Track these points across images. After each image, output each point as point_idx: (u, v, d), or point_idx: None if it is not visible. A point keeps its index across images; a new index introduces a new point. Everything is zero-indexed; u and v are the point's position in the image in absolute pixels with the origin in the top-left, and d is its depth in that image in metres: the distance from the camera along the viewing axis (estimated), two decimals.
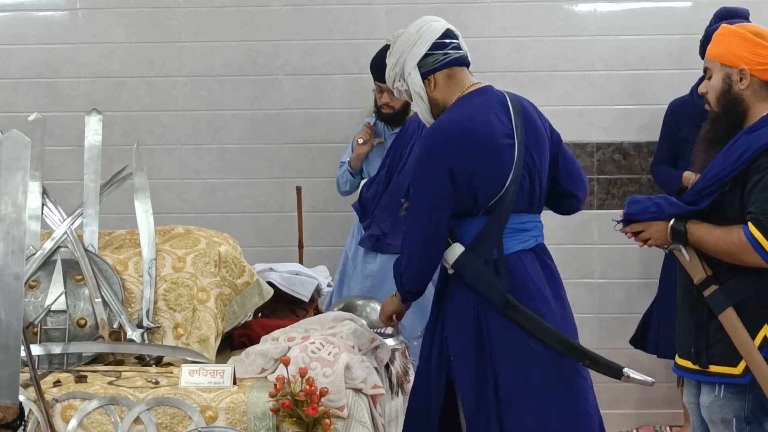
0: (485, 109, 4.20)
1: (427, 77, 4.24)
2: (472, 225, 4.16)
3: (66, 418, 3.77)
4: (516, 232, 4.21)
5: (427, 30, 4.28)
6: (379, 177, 6.05)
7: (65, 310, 4.33)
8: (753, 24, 3.94)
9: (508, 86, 6.39)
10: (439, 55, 4.24)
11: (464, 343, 4.15)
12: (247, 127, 6.61)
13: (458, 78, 4.27)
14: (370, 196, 6.05)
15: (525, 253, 4.22)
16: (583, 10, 6.61)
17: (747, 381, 3.69)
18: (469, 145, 4.10)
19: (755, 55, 3.74)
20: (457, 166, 4.09)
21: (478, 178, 4.10)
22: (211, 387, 3.83)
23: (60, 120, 6.53)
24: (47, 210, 4.62)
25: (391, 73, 4.32)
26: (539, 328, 4.11)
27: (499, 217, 4.14)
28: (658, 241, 3.84)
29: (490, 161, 4.12)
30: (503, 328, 4.12)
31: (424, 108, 4.29)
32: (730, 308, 3.69)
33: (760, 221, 3.59)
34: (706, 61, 3.89)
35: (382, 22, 6.59)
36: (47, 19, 6.72)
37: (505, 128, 4.18)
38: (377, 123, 6.15)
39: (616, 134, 6.62)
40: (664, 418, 6.67)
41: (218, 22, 6.64)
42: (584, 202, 4.61)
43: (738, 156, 3.66)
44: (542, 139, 4.29)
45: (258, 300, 4.62)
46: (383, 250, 6.01)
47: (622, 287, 6.66)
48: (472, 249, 4.14)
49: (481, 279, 4.12)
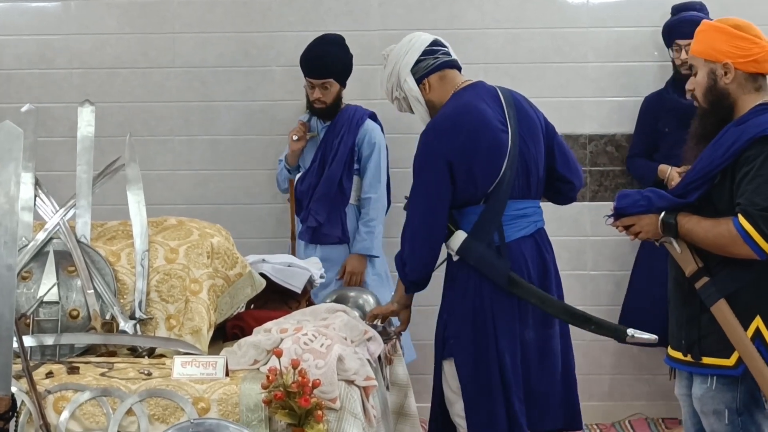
0: (478, 102, 4.45)
1: (422, 81, 4.55)
2: (472, 213, 4.44)
3: (58, 410, 3.76)
4: (516, 219, 4.46)
5: (418, 39, 4.60)
6: (312, 169, 6.07)
7: (58, 302, 4.33)
8: (733, 17, 3.93)
9: (502, 78, 6.44)
10: (431, 60, 4.55)
11: (462, 325, 4.44)
12: (240, 119, 6.60)
13: (450, 78, 4.57)
14: (304, 189, 6.06)
15: (525, 239, 4.49)
16: (576, 2, 6.60)
17: (739, 372, 3.71)
18: (465, 137, 4.37)
19: (736, 48, 3.75)
20: (455, 159, 4.37)
21: (476, 167, 4.37)
22: (203, 378, 3.83)
23: (53, 111, 6.52)
24: (40, 201, 4.62)
25: (388, 84, 4.63)
26: (544, 301, 4.40)
27: (497, 203, 4.41)
28: (648, 234, 3.86)
29: (486, 149, 4.38)
30: (507, 312, 4.41)
31: (422, 111, 4.58)
32: (722, 300, 3.70)
33: (749, 213, 3.59)
34: (690, 59, 3.91)
35: (376, 13, 6.58)
36: (40, 10, 6.70)
37: (498, 118, 4.44)
38: (311, 118, 6.18)
39: (608, 126, 6.62)
40: (657, 409, 6.68)
41: (212, 14, 6.63)
42: (579, 191, 4.81)
43: (726, 148, 3.67)
44: (535, 129, 4.55)
45: (250, 291, 4.62)
46: (321, 240, 6.05)
47: (614, 279, 6.66)
48: (474, 235, 4.41)
49: (484, 261, 4.40)
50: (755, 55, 3.75)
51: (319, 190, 6.00)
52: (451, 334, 4.48)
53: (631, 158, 6.44)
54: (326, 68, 5.96)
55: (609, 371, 6.70)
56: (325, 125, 6.11)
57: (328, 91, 5.98)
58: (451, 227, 4.46)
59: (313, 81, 5.98)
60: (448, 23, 6.54)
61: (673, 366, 4.00)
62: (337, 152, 6.01)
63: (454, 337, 4.46)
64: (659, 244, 3.88)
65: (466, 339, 4.43)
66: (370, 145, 6.04)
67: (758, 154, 3.62)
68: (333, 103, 6.03)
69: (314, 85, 5.98)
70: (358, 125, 6.04)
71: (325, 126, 6.12)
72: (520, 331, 4.43)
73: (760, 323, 3.69)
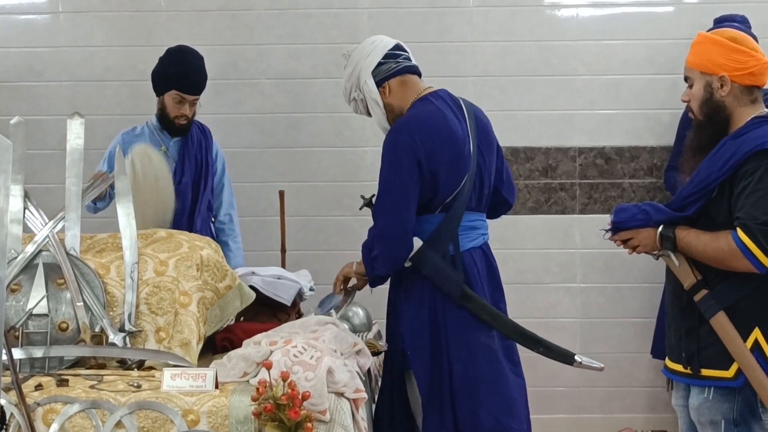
0: (445, 109, 4.50)
1: (382, 84, 4.55)
2: (429, 222, 4.46)
3: (47, 422, 3.75)
4: (468, 230, 4.52)
5: (380, 43, 4.61)
6: (183, 185, 5.83)
7: (47, 314, 4.31)
8: (730, 29, 3.95)
9: (491, 90, 6.47)
10: (392, 64, 4.56)
11: (419, 337, 4.46)
12: (229, 131, 6.60)
13: (411, 84, 4.59)
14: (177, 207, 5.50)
15: (475, 250, 4.54)
16: (565, 15, 6.62)
17: (738, 384, 3.72)
18: (432, 140, 4.39)
19: (733, 60, 3.76)
20: (423, 159, 4.37)
21: (441, 172, 4.40)
22: (193, 391, 3.82)
23: (42, 123, 6.52)
24: (29, 213, 4.60)
25: (347, 84, 4.62)
26: (495, 318, 4.44)
27: (455, 214, 4.45)
28: (647, 247, 3.87)
29: (451, 156, 4.42)
30: (458, 321, 4.44)
31: (379, 113, 4.58)
32: (721, 312, 3.71)
33: (748, 227, 3.60)
34: (686, 70, 3.92)
35: (365, 26, 6.59)
36: (29, 23, 6.70)
37: (462, 128, 4.49)
38: (152, 132, 5.93)
39: (598, 139, 6.63)
40: (647, 422, 6.68)
41: (200, 26, 6.63)
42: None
43: (724, 162, 3.68)
44: (491, 144, 4.64)
45: (240, 304, 4.62)
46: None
47: (603, 292, 6.66)
48: (430, 244, 4.44)
49: (438, 272, 4.42)
50: (751, 68, 3.77)
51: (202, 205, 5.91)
52: (408, 345, 4.49)
53: (668, 171, 6.41)
54: (203, 84, 5.83)
55: (600, 384, 6.70)
56: (175, 139, 5.92)
57: (194, 107, 5.86)
58: None
59: (187, 97, 5.78)
60: (438, 36, 6.56)
61: (671, 377, 4.00)
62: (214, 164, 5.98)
63: (411, 349, 4.48)
64: (657, 257, 3.89)
65: (424, 350, 4.45)
66: (221, 157, 6.05)
67: (756, 167, 3.63)
68: (191, 119, 5.88)
69: (187, 101, 5.79)
70: (207, 136, 6.01)
71: (176, 140, 5.92)
72: (480, 337, 4.45)
73: (758, 335, 3.70)
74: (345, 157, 6.69)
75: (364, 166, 6.63)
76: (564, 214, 6.65)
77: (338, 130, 6.66)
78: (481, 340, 4.46)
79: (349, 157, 6.68)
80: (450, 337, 4.44)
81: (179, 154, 5.90)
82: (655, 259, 3.92)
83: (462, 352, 4.43)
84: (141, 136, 5.88)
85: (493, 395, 4.47)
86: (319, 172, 6.69)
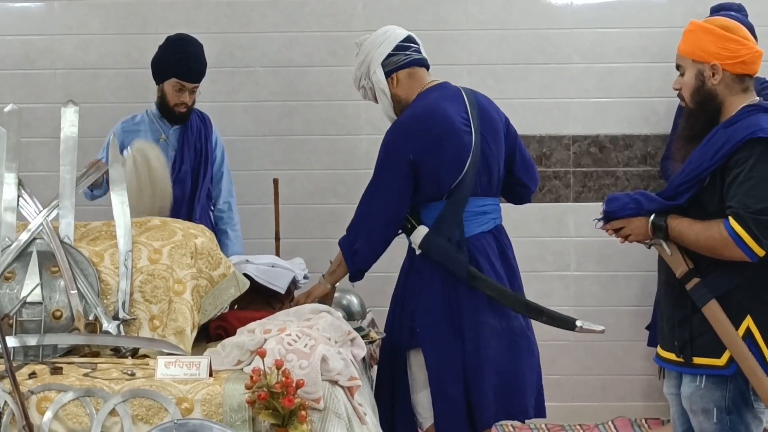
0: (443, 102, 4.61)
1: (390, 75, 4.69)
2: (435, 208, 4.61)
3: (41, 410, 3.75)
4: (477, 215, 4.63)
5: (392, 34, 4.73)
6: (183, 173, 5.89)
7: (41, 302, 4.31)
8: (722, 18, 3.95)
9: (486, 79, 6.46)
10: (402, 56, 4.69)
11: (432, 315, 4.60)
12: (224, 119, 6.59)
13: (418, 77, 4.72)
14: (177, 195, 5.63)
15: (485, 235, 4.66)
16: (560, 3, 6.62)
17: (730, 372, 3.73)
18: (430, 136, 4.53)
19: (724, 49, 3.76)
20: (419, 158, 4.53)
21: (440, 166, 4.53)
22: (187, 379, 3.82)
23: (36, 111, 6.52)
24: (23, 201, 4.60)
25: (357, 72, 4.77)
26: (502, 294, 4.57)
27: (459, 200, 4.57)
28: (639, 236, 3.88)
29: (450, 148, 4.54)
30: (469, 302, 4.57)
31: (387, 103, 4.73)
32: (713, 300, 3.72)
33: (740, 215, 3.60)
34: (678, 58, 3.92)
35: (360, 14, 6.59)
36: (23, 11, 6.69)
37: (462, 118, 4.60)
38: (152, 120, 5.96)
39: (592, 127, 6.64)
40: (641, 410, 6.69)
41: (196, 14, 6.63)
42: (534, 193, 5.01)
43: (716, 151, 3.68)
44: (497, 129, 4.72)
45: (234, 292, 4.61)
46: None
47: (597, 280, 6.68)
48: (435, 230, 4.59)
49: (446, 255, 4.56)
50: (743, 57, 3.77)
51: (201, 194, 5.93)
52: (420, 323, 4.62)
53: (664, 160, 6.42)
54: (203, 72, 5.86)
55: (593, 372, 6.72)
56: (174, 127, 5.95)
57: (194, 95, 5.88)
58: (414, 222, 4.63)
59: (187, 84, 5.81)
60: (433, 25, 6.55)
61: (663, 366, 4.01)
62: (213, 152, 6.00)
63: (423, 327, 4.61)
64: (649, 246, 3.90)
65: (436, 329, 4.58)
66: (220, 146, 6.08)
67: (748, 156, 3.63)
68: (191, 107, 5.91)
69: (187, 89, 5.82)
70: (207, 125, 6.02)
71: (175, 128, 5.95)
72: (491, 320, 4.59)
73: (750, 323, 3.71)
74: (339, 145, 6.69)
75: (358, 154, 6.64)
76: (558, 202, 6.66)
77: (333, 119, 6.66)
78: (494, 320, 4.60)
79: (344, 145, 6.68)
80: (464, 316, 4.56)
81: (179, 142, 5.93)
82: (647, 247, 3.93)
83: (475, 332, 4.56)
84: (140, 125, 5.93)
85: (501, 375, 4.61)
86: (314, 160, 6.69)
